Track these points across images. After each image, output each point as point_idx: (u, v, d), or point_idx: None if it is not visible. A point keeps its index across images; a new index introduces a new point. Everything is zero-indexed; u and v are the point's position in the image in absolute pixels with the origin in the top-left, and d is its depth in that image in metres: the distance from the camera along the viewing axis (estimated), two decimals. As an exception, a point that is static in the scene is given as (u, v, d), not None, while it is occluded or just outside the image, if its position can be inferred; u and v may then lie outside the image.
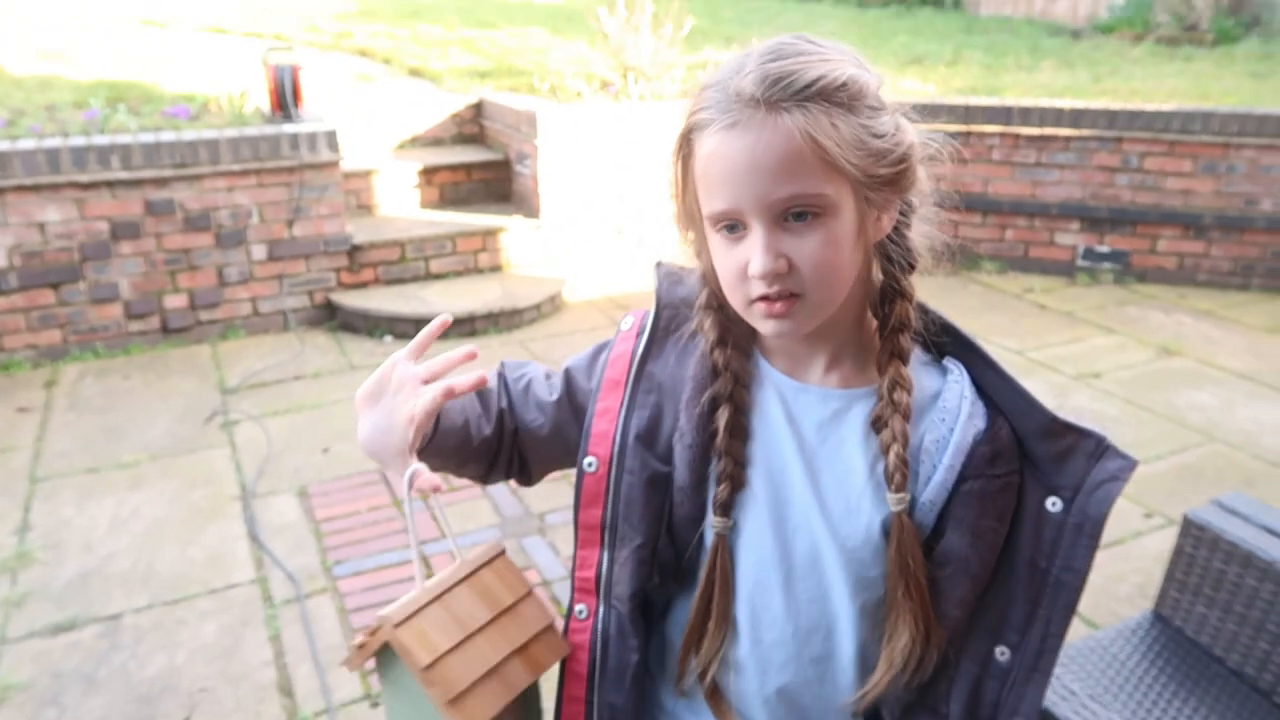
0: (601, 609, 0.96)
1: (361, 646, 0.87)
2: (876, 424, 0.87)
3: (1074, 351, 4.39)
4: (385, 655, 0.88)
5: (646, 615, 0.96)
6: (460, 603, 0.89)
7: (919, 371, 0.89)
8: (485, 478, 1.06)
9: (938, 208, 0.91)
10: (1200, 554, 1.69)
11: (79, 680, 2.39)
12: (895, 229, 0.87)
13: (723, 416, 0.89)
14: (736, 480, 0.90)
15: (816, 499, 0.89)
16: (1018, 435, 0.86)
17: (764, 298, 0.81)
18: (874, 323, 0.92)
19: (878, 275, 0.89)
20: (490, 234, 5.09)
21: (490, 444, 1.01)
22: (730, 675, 0.93)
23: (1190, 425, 3.65)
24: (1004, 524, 0.85)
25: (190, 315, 4.54)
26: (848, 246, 0.82)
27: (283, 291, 4.69)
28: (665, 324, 0.96)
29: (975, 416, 0.86)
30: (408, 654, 0.83)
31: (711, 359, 0.91)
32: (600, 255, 5.36)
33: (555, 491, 3.12)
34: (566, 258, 5.25)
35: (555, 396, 1.01)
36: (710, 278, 0.91)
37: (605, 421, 0.94)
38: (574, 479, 0.97)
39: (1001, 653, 0.86)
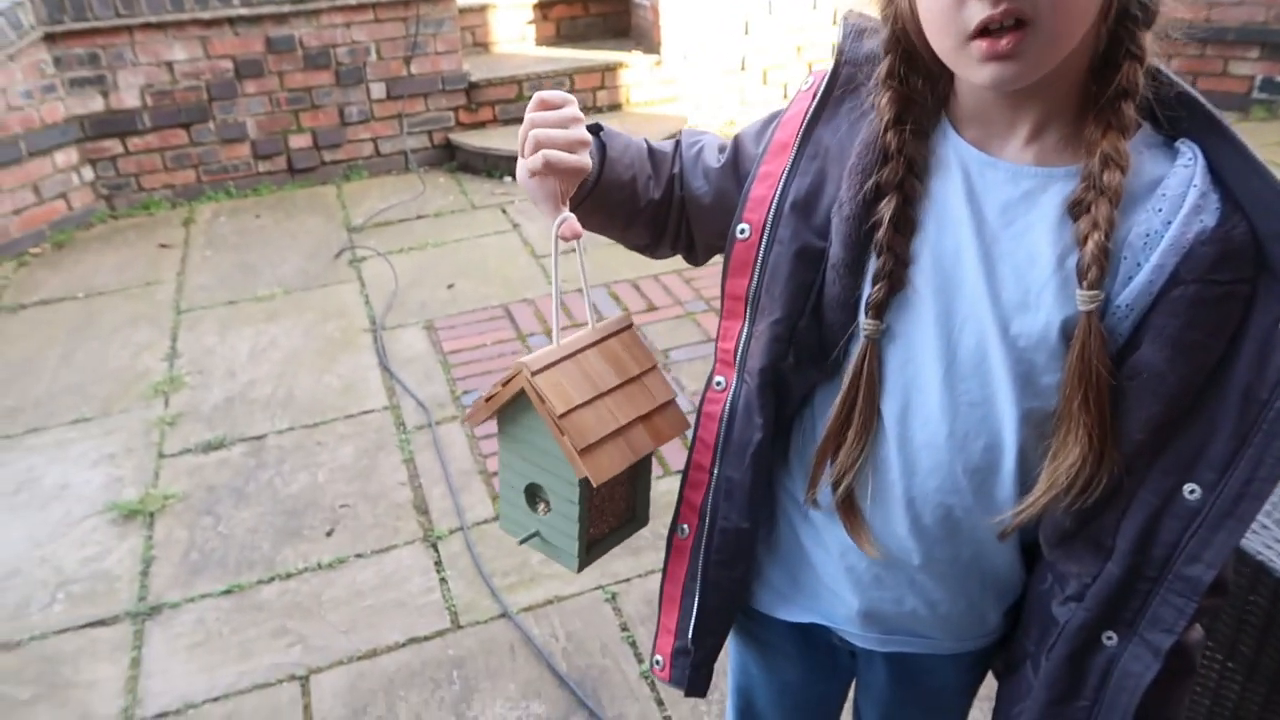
0: (736, 382, 0.89)
1: (491, 398, 0.85)
2: (1074, 209, 0.73)
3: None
4: (510, 412, 0.87)
5: (780, 395, 0.88)
6: (591, 364, 0.86)
7: (1141, 152, 0.73)
8: (653, 248, 1.00)
9: None
10: None
11: (230, 493, 2.52)
12: None
13: (888, 208, 0.77)
14: (896, 280, 0.78)
15: (990, 290, 0.76)
16: (1258, 238, 0.69)
17: (985, 33, 0.67)
18: (1092, 89, 0.74)
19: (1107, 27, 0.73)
20: (609, 70, 4.90)
21: (659, 210, 0.95)
22: (869, 480, 0.84)
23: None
24: (1219, 340, 0.70)
25: (314, 155, 4.58)
26: None
27: (403, 131, 4.66)
28: (844, 83, 0.83)
29: (1204, 211, 0.70)
30: (544, 401, 0.80)
31: (883, 140, 0.78)
32: (723, 91, 5.11)
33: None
34: (688, 95, 5.03)
35: (722, 164, 0.93)
36: (902, 34, 0.77)
37: (765, 186, 0.85)
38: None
39: (1191, 490, 0.73)
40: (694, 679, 1.01)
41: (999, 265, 0.76)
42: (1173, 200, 0.71)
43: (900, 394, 0.81)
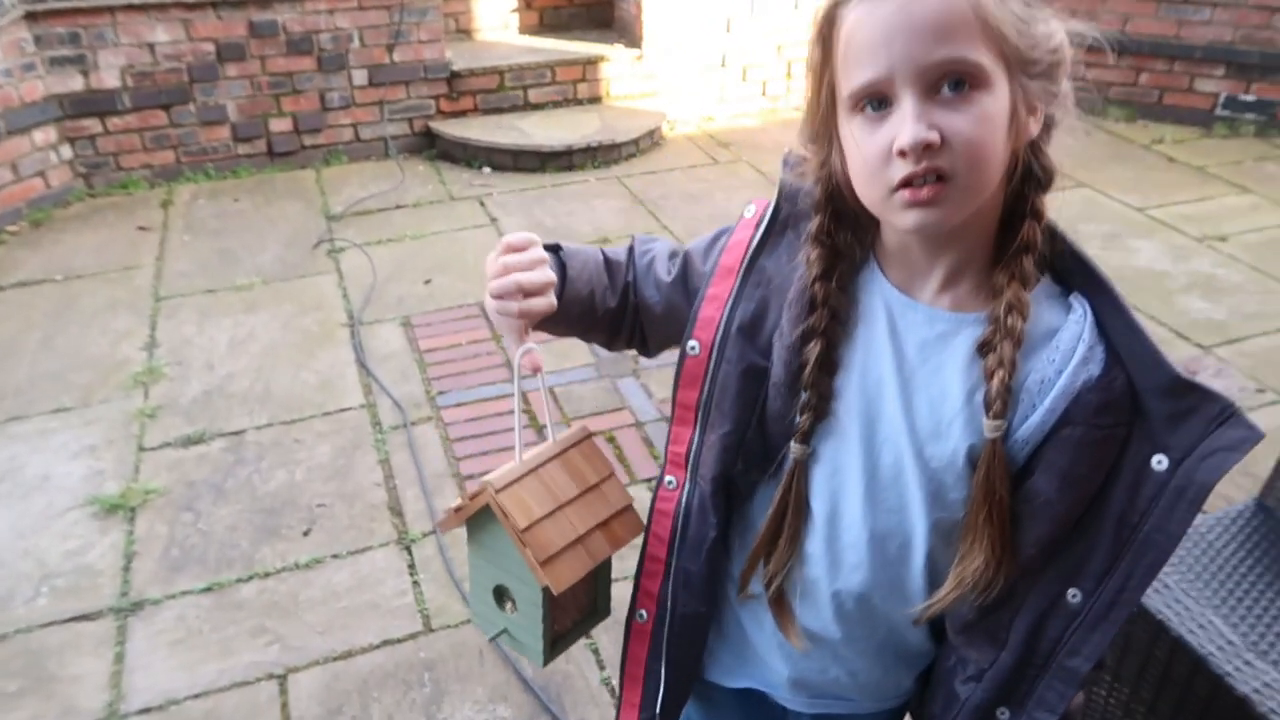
0: (688, 483, 0.99)
1: (459, 510, 0.93)
2: (983, 348, 0.82)
3: (1200, 210, 4.13)
4: (478, 520, 0.95)
5: (729, 496, 0.98)
6: (552, 476, 0.94)
7: (1041, 302, 0.83)
8: (609, 344, 1.08)
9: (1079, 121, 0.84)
10: (1318, 448, 1.64)
11: (209, 490, 2.61)
12: (1035, 139, 0.82)
13: (813, 352, 0.87)
14: (820, 412, 0.89)
15: (907, 419, 0.86)
16: (1135, 389, 0.80)
17: (908, 184, 0.76)
18: (999, 243, 0.85)
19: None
20: (590, 63, 4.94)
21: (614, 315, 1.03)
22: (798, 577, 0.95)
23: (1319, 297, 3.46)
24: (1099, 474, 0.81)
25: (295, 140, 4.60)
26: (1000, 131, 0.77)
27: (383, 118, 4.69)
28: (785, 217, 0.93)
29: (1090, 362, 0.80)
30: (507, 516, 0.89)
31: (810, 290, 0.87)
32: (702, 88, 5.17)
33: (650, 335, 3.16)
34: (667, 90, 5.09)
35: (671, 277, 1.01)
36: (834, 192, 0.87)
37: (712, 308, 0.94)
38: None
39: (1073, 595, 0.84)
40: None
41: (915, 397, 0.86)
42: (1064, 352, 0.81)
43: (828, 501, 0.92)
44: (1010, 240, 0.82)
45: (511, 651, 2.09)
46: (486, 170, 4.59)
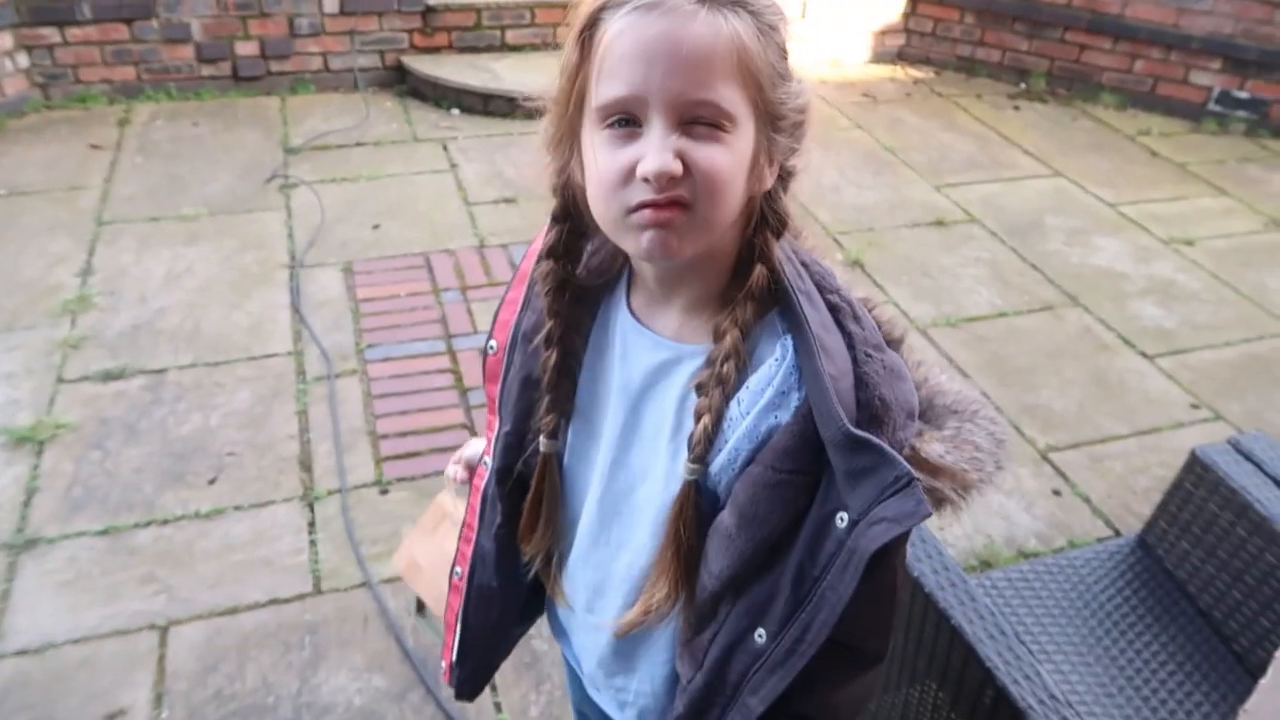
0: (489, 470, 1.04)
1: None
2: (699, 389, 0.83)
3: (1173, 210, 4.06)
4: None
5: (517, 487, 1.01)
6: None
7: (759, 341, 0.83)
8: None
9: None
10: (1199, 493, 1.62)
11: (122, 429, 2.58)
12: (774, 187, 0.82)
13: (550, 359, 0.90)
14: (563, 412, 0.93)
15: (622, 440, 0.90)
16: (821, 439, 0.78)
17: (649, 203, 0.75)
18: (732, 283, 0.85)
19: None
20: (574, 7, 4.79)
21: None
22: (559, 560, 1.03)
23: (1275, 312, 3.41)
24: (779, 517, 0.80)
25: (261, 64, 4.49)
26: (741, 173, 0.77)
27: (353, 48, 4.57)
28: (579, 226, 0.92)
29: (780, 408, 0.80)
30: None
31: (545, 301, 0.89)
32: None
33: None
34: (650, 41, 4.95)
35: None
36: (571, 204, 0.86)
37: (508, 312, 0.97)
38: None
39: (759, 635, 0.83)
40: (460, 688, 1.19)
41: (641, 421, 0.89)
42: (753, 394, 0.81)
43: (577, 497, 0.98)
44: (743, 282, 0.82)
45: (403, 623, 2.10)
46: (455, 112, 4.49)
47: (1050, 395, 2.92)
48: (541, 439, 0.94)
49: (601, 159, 0.77)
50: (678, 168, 0.73)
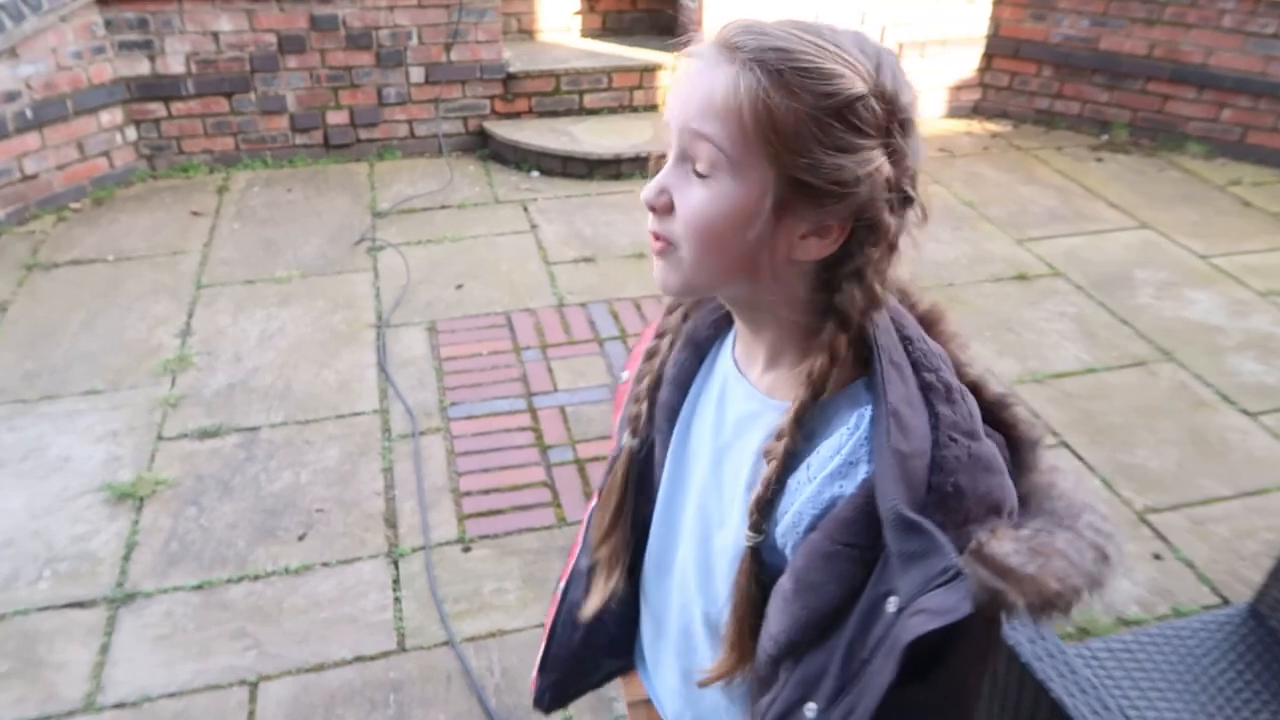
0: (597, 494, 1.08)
1: None
2: (767, 455, 0.82)
3: (1269, 262, 3.92)
4: None
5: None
6: None
7: (843, 407, 0.81)
8: None
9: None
10: (1315, 561, 1.54)
11: (217, 485, 2.67)
12: (855, 266, 0.78)
13: (648, 370, 0.97)
14: (643, 416, 0.97)
15: (711, 481, 0.91)
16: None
17: (655, 232, 0.81)
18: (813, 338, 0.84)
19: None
20: (648, 71, 4.91)
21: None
22: (645, 584, 1.05)
23: (1386, 367, 3.25)
24: (834, 589, 0.77)
25: (350, 132, 4.68)
26: (738, 224, 0.76)
27: (438, 115, 4.73)
28: None
29: (845, 478, 0.78)
30: None
31: (660, 320, 0.98)
32: (760, 101, 5.09)
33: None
34: (724, 101, 5.02)
35: None
36: None
37: (644, 344, 1.02)
38: None
39: (810, 709, 0.80)
40: (539, 698, 1.22)
41: (724, 466, 0.90)
42: (822, 460, 0.80)
43: (661, 528, 0.99)
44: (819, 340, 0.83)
45: (485, 681, 2.10)
46: (534, 174, 4.60)
47: (1146, 454, 2.82)
48: (625, 435, 0.98)
49: None
50: (663, 201, 0.79)
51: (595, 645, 1.14)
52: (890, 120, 0.75)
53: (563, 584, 1.15)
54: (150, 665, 2.15)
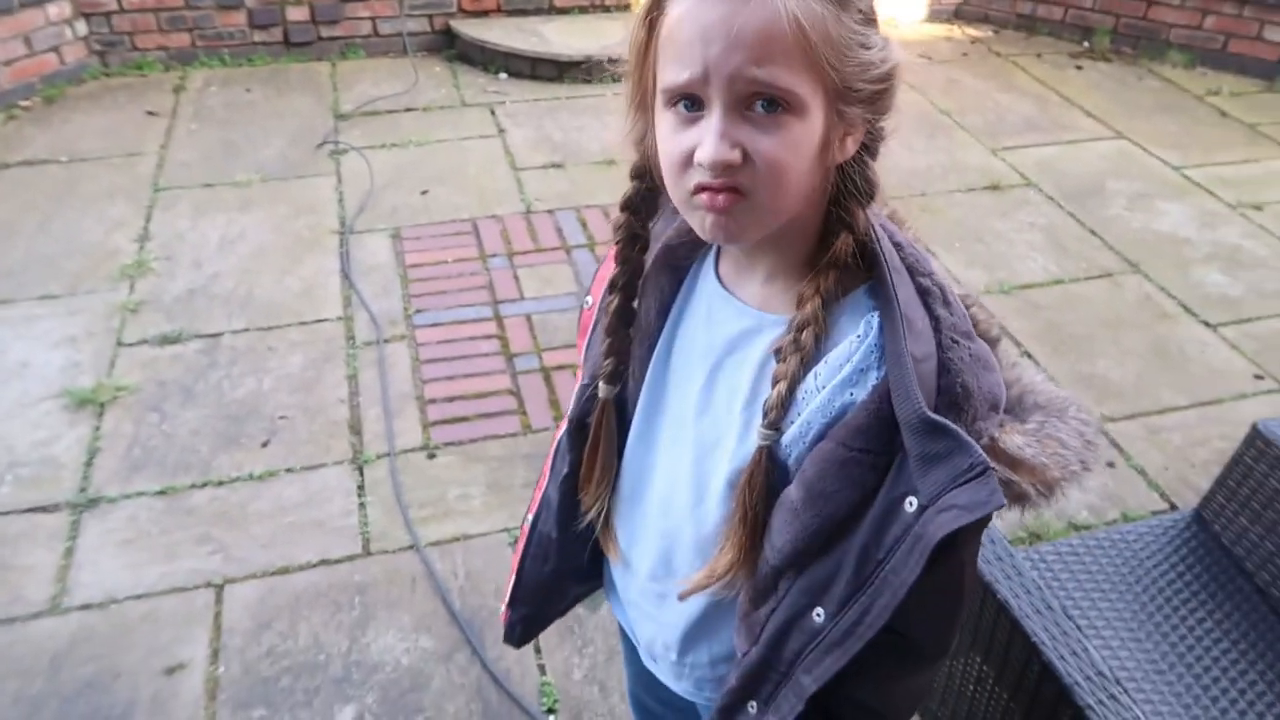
0: (566, 420, 1.06)
1: None
2: (778, 354, 0.82)
3: (1242, 174, 3.91)
4: None
5: (584, 442, 1.03)
6: None
7: (843, 316, 0.81)
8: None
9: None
10: (1259, 468, 1.57)
11: (179, 391, 2.65)
12: (858, 154, 0.79)
13: (612, 304, 0.93)
14: (621, 359, 0.95)
15: (701, 401, 0.90)
16: (897, 421, 0.76)
17: (707, 186, 0.75)
18: (815, 251, 0.84)
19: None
20: (622, -32, 4.74)
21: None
22: (616, 514, 1.04)
23: (1348, 280, 3.28)
24: (846, 495, 0.79)
25: (311, 30, 4.51)
26: (808, 156, 0.75)
27: (402, 13, 4.57)
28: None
29: (855, 385, 0.79)
30: None
31: (614, 249, 0.93)
32: None
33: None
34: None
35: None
36: (644, 168, 0.88)
37: (606, 268, 0.98)
38: None
39: (818, 614, 0.83)
40: (509, 632, 1.23)
41: (718, 387, 0.89)
42: (831, 368, 0.80)
43: (631, 455, 0.99)
44: (826, 250, 0.81)
45: (450, 584, 2.13)
46: (503, 76, 4.47)
47: (1108, 365, 2.85)
48: (600, 384, 0.96)
49: (667, 141, 0.77)
50: (734, 157, 0.73)
51: (565, 574, 1.15)
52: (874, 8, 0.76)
53: (530, 516, 1.14)
54: (115, 568, 2.16)
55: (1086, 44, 5.06)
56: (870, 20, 0.75)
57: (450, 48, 4.66)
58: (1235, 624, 1.57)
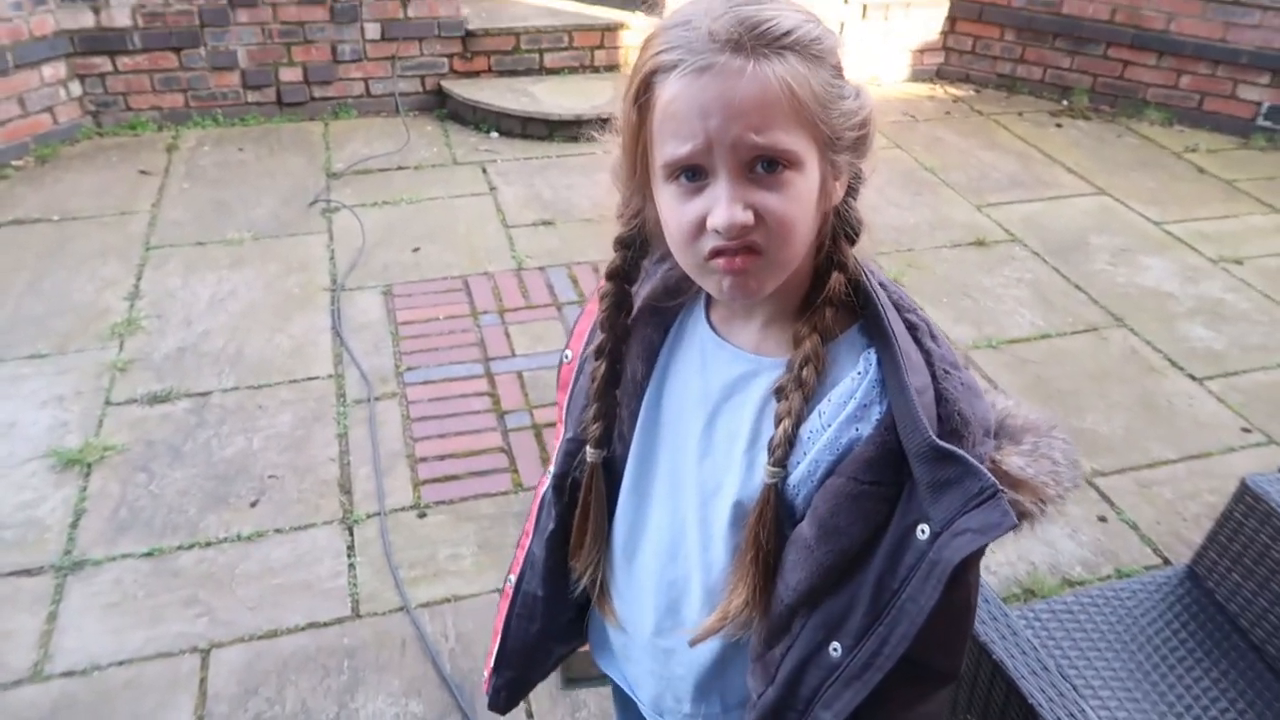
0: (549, 476, 1.07)
1: None
2: (779, 393, 0.84)
3: (1221, 229, 3.98)
4: None
5: (570, 499, 1.03)
6: None
7: (840, 354, 0.84)
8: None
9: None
10: (1249, 524, 1.57)
11: (167, 451, 2.63)
12: (846, 203, 0.84)
13: (600, 369, 0.94)
14: (608, 422, 0.96)
15: (702, 447, 0.91)
16: (904, 451, 0.79)
17: (721, 251, 0.78)
18: (809, 293, 0.88)
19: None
20: (610, 30, 4.84)
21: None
22: (611, 575, 1.04)
23: (1329, 332, 3.32)
24: (860, 529, 0.81)
25: (304, 90, 4.57)
26: (810, 206, 0.80)
27: (394, 74, 4.64)
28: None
29: (861, 420, 0.81)
30: None
31: (602, 318, 0.93)
32: (723, 62, 5.05)
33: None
34: (687, 62, 4.97)
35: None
36: (638, 236, 0.91)
37: (585, 323, 1.01)
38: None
39: (834, 648, 0.84)
40: (494, 698, 1.21)
41: (716, 433, 0.90)
42: (835, 406, 0.83)
43: (625, 514, 0.99)
44: (819, 291, 0.84)
45: (440, 647, 2.10)
46: (494, 135, 4.53)
47: (1096, 419, 2.86)
48: (587, 449, 0.97)
49: (673, 212, 0.81)
50: (748, 218, 0.76)
51: (550, 634, 1.14)
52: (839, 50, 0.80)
53: (513, 576, 1.13)
54: (99, 633, 2.12)
55: (1066, 102, 5.17)
56: (840, 73, 0.80)
57: (442, 107, 4.73)
58: (1231, 681, 1.56)
